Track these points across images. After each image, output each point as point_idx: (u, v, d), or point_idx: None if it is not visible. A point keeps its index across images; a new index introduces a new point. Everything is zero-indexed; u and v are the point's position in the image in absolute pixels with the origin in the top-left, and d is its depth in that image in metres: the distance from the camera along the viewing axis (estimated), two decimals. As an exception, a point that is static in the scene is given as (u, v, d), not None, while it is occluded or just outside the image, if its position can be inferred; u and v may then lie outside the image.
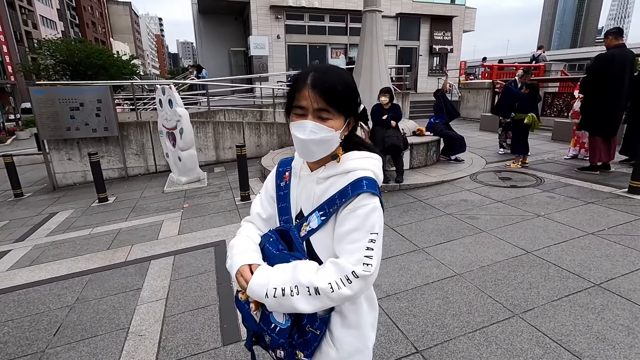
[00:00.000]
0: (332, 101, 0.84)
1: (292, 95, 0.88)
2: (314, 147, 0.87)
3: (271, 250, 0.93)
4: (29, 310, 2.71)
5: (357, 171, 0.88)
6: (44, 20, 44.10)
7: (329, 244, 0.89)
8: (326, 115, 0.85)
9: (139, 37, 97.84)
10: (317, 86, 0.83)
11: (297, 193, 0.97)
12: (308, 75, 0.85)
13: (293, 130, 0.88)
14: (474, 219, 3.77)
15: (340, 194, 0.86)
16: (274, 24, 15.95)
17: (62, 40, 24.69)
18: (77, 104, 6.42)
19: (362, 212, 0.83)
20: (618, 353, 1.87)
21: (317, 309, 0.83)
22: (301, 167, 0.98)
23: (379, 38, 6.31)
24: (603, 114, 4.85)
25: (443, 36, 18.82)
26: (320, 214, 0.89)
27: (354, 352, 0.97)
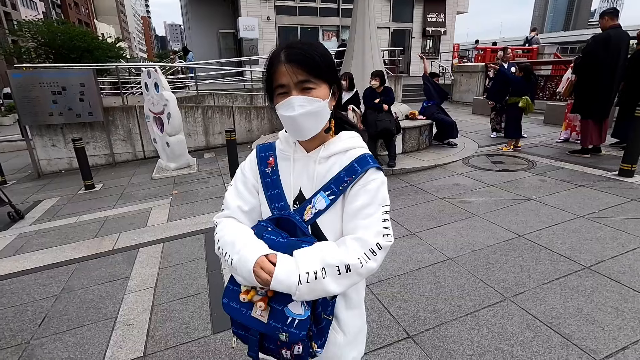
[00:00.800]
0: (312, 69, 0.81)
1: (270, 78, 0.85)
2: (306, 122, 0.83)
3: (276, 240, 0.84)
4: (13, 300, 2.64)
5: (357, 149, 0.89)
6: (24, 1, 42.30)
7: (338, 224, 0.87)
8: (310, 85, 0.82)
9: (124, 19, 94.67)
10: (293, 59, 0.80)
11: (295, 176, 0.91)
12: (281, 52, 0.82)
13: (280, 111, 0.84)
14: (466, 203, 3.76)
15: (346, 171, 0.85)
16: (263, 4, 15.49)
17: (43, 21, 23.72)
18: (59, 87, 6.18)
19: (372, 187, 0.84)
20: (607, 335, 1.88)
21: (345, 288, 0.81)
22: (294, 150, 0.92)
23: (372, 19, 6.14)
24: (597, 96, 4.82)
25: (436, 18, 18.52)
26: (327, 193, 0.85)
27: (358, 332, 0.99)
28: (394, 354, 1.86)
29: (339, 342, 0.93)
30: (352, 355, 0.97)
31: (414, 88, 12.47)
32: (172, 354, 2.00)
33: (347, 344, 0.94)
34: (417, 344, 1.92)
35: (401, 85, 10.47)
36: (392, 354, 1.87)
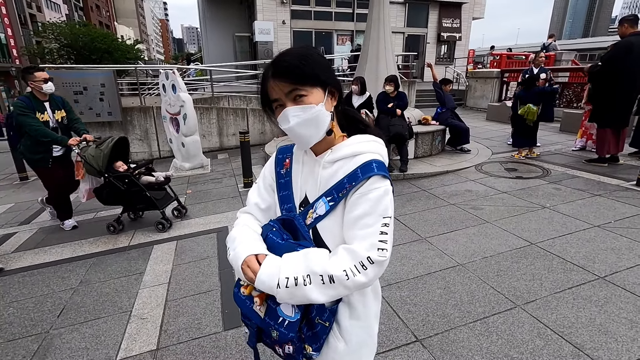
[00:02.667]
0: (298, 78, 0.81)
1: (264, 95, 0.87)
2: (305, 130, 0.83)
3: (275, 240, 0.87)
4: (34, 291, 2.74)
5: (365, 154, 0.85)
6: (48, 3, 43.75)
7: (338, 231, 0.85)
8: (300, 94, 0.82)
9: (143, 22, 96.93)
10: (276, 73, 0.82)
11: (302, 179, 0.92)
12: (268, 70, 0.84)
13: (279, 124, 0.86)
14: (478, 210, 3.73)
15: (349, 177, 0.83)
16: (279, 9, 15.67)
17: (66, 23, 24.49)
18: (80, 87, 6.39)
19: (374, 196, 0.80)
20: (620, 346, 1.85)
21: (330, 298, 0.80)
22: (304, 153, 0.94)
23: (386, 25, 6.17)
24: (617, 104, 4.73)
25: (452, 23, 18.41)
26: (328, 199, 0.85)
27: (362, 344, 0.96)
28: (402, 356, 1.88)
29: (339, 350, 0.92)
30: None
31: (427, 93, 12.41)
32: (184, 348, 2.05)
33: (347, 353, 0.93)
34: (425, 347, 1.93)
35: (415, 90, 10.45)
36: (401, 356, 1.88)
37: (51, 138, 3.51)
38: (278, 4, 15.58)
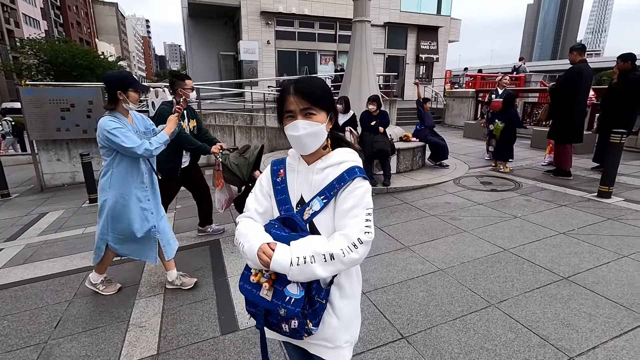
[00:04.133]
0: (314, 100, 1.06)
1: (280, 105, 1.09)
2: (308, 140, 1.06)
3: (279, 234, 1.06)
4: (27, 305, 2.77)
5: (348, 162, 1.09)
6: (27, 19, 43.20)
7: (330, 223, 1.07)
8: (312, 112, 1.06)
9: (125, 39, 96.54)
10: (299, 91, 1.05)
11: (298, 184, 1.13)
12: (290, 85, 1.07)
13: (288, 131, 1.07)
14: (456, 220, 4.00)
15: (337, 179, 1.06)
16: (264, 29, 16.14)
17: (46, 39, 24.29)
18: (67, 105, 6.42)
19: (359, 192, 1.04)
20: (580, 336, 2.09)
21: (331, 273, 1.00)
22: (299, 163, 1.15)
23: (368, 47, 6.56)
24: (574, 122, 5.23)
25: (429, 45, 19.37)
26: (321, 198, 1.06)
27: (351, 318, 1.18)
28: (389, 352, 2.05)
29: (333, 325, 1.12)
30: (345, 338, 1.16)
31: (407, 111, 12.96)
32: (184, 352, 2.15)
33: (340, 327, 1.14)
34: (410, 343, 2.11)
35: (396, 108, 10.90)
36: (388, 352, 2.05)
37: (196, 146, 3.45)
38: (263, 24, 16.05)
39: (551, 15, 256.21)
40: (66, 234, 4.30)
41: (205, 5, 15.74)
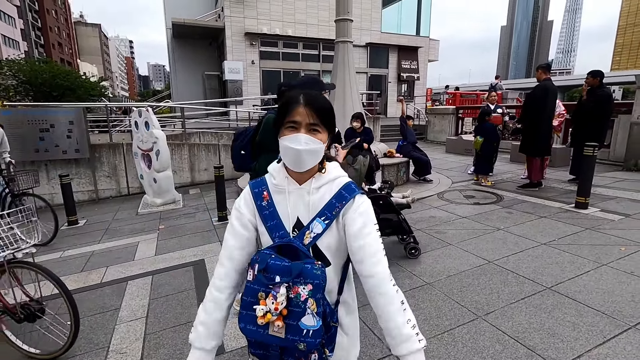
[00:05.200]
0: (323, 118, 1.00)
1: (283, 113, 1.00)
2: (307, 157, 0.98)
3: (280, 265, 0.93)
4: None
5: (341, 177, 1.05)
6: (6, 40, 42.61)
7: (334, 244, 1.01)
8: (317, 129, 1.00)
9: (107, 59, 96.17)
10: (310, 104, 0.98)
11: (292, 206, 1.03)
12: (299, 95, 1.00)
13: (287, 142, 0.98)
14: (441, 234, 4.04)
15: (337, 198, 1.01)
16: (248, 49, 16.37)
17: (26, 60, 23.92)
18: (47, 125, 6.31)
19: (363, 210, 1.01)
20: (565, 345, 2.12)
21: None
22: (287, 183, 1.04)
23: (351, 66, 6.73)
24: (542, 136, 5.47)
25: (410, 65, 19.99)
26: (322, 219, 0.99)
27: (356, 332, 1.17)
28: (379, 369, 2.02)
29: (344, 344, 1.09)
30: (354, 353, 1.14)
31: (391, 128, 13.21)
32: (167, 378, 2.07)
33: (350, 344, 1.11)
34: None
35: (379, 125, 11.11)
36: (377, 369, 2.02)
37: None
38: (247, 45, 16.29)
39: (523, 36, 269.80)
40: (43, 257, 4.13)
41: (190, 26, 15.93)
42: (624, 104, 7.83)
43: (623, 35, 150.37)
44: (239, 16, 15.82)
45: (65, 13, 67.61)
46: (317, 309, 0.93)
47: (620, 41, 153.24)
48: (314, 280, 0.93)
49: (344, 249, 1.04)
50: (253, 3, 15.97)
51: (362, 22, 17.90)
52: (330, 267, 1.01)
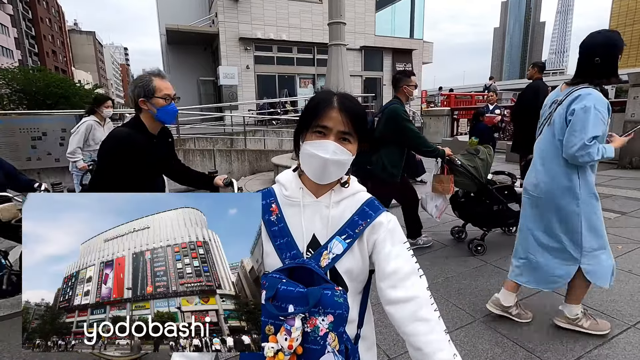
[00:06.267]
0: (357, 126, 0.87)
1: (312, 115, 0.87)
2: (333, 168, 0.86)
3: (294, 291, 0.81)
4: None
5: (361, 192, 0.95)
6: (0, 49, 42.50)
7: (354, 267, 0.89)
8: (349, 138, 0.87)
9: (102, 67, 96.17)
10: (346, 109, 0.86)
11: (307, 222, 0.91)
12: (333, 97, 0.87)
13: (312, 148, 0.86)
14: (438, 235, 4.02)
15: (359, 215, 0.90)
16: (243, 54, 16.39)
17: (19, 68, 23.84)
18: (39, 133, 6.25)
19: (392, 229, 0.90)
20: (565, 347, 2.09)
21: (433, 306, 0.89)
22: (302, 195, 0.92)
23: (345, 69, 6.73)
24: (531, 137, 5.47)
25: (404, 67, 20.06)
26: (343, 237, 0.88)
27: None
28: (376, 375, 1.98)
29: None
30: None
31: (386, 130, 13.22)
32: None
33: None
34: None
35: (374, 128, 11.11)
36: (375, 375, 1.98)
37: (431, 148, 3.23)
38: (242, 50, 16.31)
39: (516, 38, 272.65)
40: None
41: (184, 32, 15.92)
42: (617, 103, 7.89)
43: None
44: (233, 21, 15.85)
45: (60, 21, 67.61)
46: (339, 346, 0.80)
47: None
48: (335, 310, 0.79)
49: (364, 274, 0.93)
50: (247, 8, 16.01)
51: (355, 25, 17.98)
52: (349, 294, 0.85)
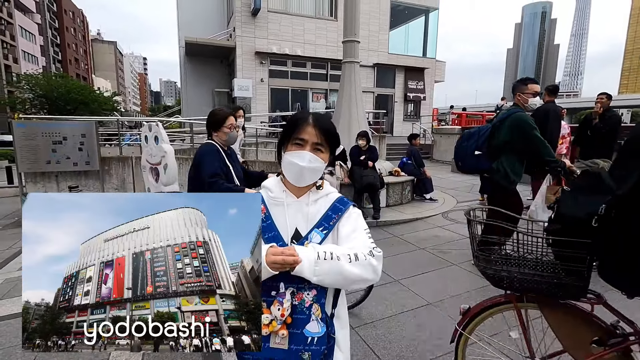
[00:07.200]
0: (328, 138, 1.09)
1: (291, 130, 1.08)
2: (308, 173, 1.07)
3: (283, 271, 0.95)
4: (1, 343, 2.64)
5: (333, 192, 1.15)
6: (26, 55, 44.23)
7: None
8: (321, 149, 1.08)
9: (121, 75, 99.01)
10: (319, 125, 1.07)
11: (290, 218, 1.09)
12: (309, 116, 1.08)
13: (292, 157, 1.05)
14: (445, 253, 4.01)
15: (332, 210, 1.09)
16: (258, 68, 16.77)
17: (43, 75, 24.79)
18: (60, 137, 6.46)
19: (354, 217, 1.10)
20: None
21: (359, 272, 0.96)
22: (286, 196, 1.11)
23: (357, 86, 6.86)
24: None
25: (416, 85, 20.25)
26: (320, 229, 1.06)
27: (348, 349, 1.15)
28: (379, 390, 1.99)
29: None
30: None
31: (397, 147, 13.27)
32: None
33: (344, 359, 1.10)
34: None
35: (385, 144, 11.18)
36: (377, 390, 1.99)
37: (555, 158, 3.10)
38: (257, 64, 16.70)
39: (530, 59, 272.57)
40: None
41: (202, 45, 16.41)
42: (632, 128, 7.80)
43: (630, 59, 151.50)
44: (250, 36, 16.29)
45: (83, 30, 70.26)
46: (322, 315, 0.96)
47: (628, 65, 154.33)
48: (318, 285, 0.96)
49: None
50: (264, 24, 16.47)
51: (369, 43, 18.29)
52: None
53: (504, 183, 3.23)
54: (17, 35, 41.22)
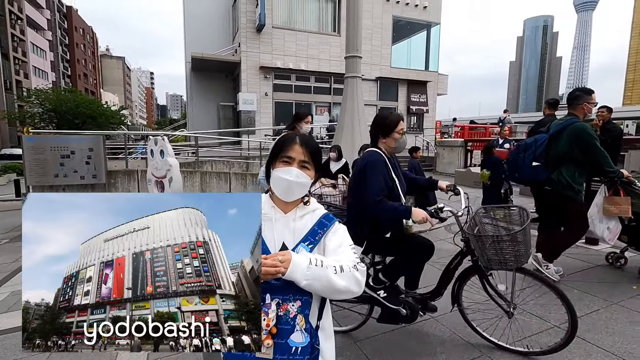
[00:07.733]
0: (314, 157, 1.19)
1: (280, 149, 1.18)
2: (296, 189, 1.15)
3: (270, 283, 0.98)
4: (7, 356, 2.67)
5: (319, 209, 1.23)
6: (36, 71, 45.27)
7: None
8: (307, 166, 1.17)
9: (129, 89, 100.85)
10: (305, 144, 1.17)
11: (278, 232, 1.14)
12: (296, 136, 1.19)
13: (280, 173, 1.14)
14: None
15: (318, 225, 1.16)
16: (262, 82, 17.05)
17: (52, 89, 25.35)
18: (67, 152, 6.61)
19: (340, 232, 1.17)
20: (573, 386, 2.05)
21: (344, 284, 1.01)
22: (274, 212, 1.18)
23: (360, 100, 6.96)
24: None
25: (419, 98, 20.43)
26: (307, 244, 1.12)
27: (333, 356, 1.19)
28: (380, 405, 1.98)
29: None
30: None
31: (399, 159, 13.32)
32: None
33: None
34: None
35: (388, 156, 11.23)
36: (378, 405, 1.99)
37: (614, 169, 3.08)
38: (261, 78, 16.98)
39: (532, 71, 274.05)
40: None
41: (208, 60, 16.76)
42: (637, 140, 7.81)
43: (633, 71, 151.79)
44: (255, 51, 16.62)
45: (93, 46, 71.97)
46: (306, 326, 1.00)
47: (631, 77, 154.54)
48: (302, 297, 1.00)
49: None
50: (268, 39, 16.82)
51: (372, 57, 18.57)
52: None
53: (570, 194, 3.16)
54: (29, 51, 42.30)
